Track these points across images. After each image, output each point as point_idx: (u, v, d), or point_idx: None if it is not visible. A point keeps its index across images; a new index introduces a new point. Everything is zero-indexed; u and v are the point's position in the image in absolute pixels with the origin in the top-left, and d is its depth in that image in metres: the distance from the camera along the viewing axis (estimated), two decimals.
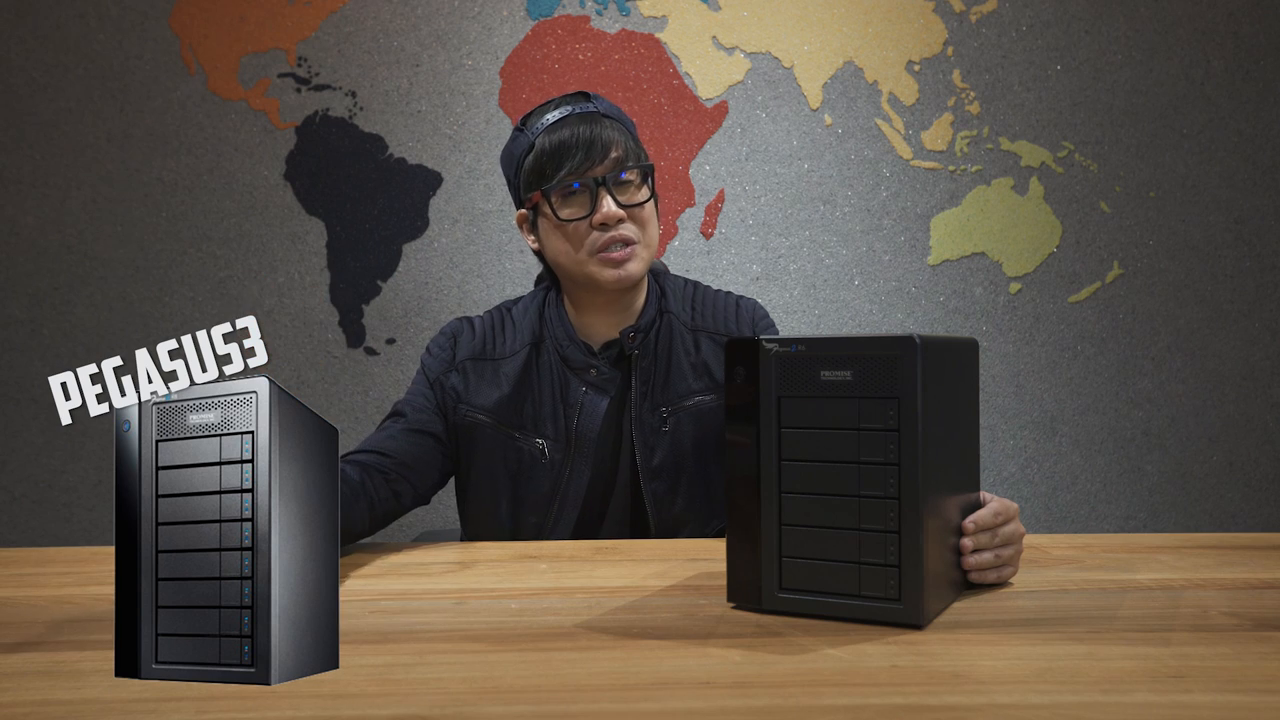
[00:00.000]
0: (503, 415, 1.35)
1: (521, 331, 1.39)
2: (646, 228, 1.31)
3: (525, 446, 1.34)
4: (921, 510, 0.82)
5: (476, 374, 1.36)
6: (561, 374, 1.36)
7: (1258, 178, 2.19)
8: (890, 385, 0.82)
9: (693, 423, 1.35)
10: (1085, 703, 0.66)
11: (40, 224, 2.07)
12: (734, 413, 0.88)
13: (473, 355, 1.37)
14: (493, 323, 1.41)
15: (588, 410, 1.34)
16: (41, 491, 2.07)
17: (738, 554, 0.89)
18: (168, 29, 2.08)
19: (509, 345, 1.38)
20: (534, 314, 1.40)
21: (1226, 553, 1.14)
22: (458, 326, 1.41)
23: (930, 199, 2.16)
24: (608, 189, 1.27)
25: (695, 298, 1.43)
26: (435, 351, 1.39)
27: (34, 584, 1.06)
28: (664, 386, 1.35)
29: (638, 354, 1.35)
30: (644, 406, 1.34)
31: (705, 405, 1.36)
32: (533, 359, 1.37)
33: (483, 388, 1.36)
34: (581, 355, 1.35)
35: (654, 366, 1.36)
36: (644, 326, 1.36)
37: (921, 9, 2.16)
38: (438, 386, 1.36)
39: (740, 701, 0.67)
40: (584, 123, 1.29)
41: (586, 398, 1.34)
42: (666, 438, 1.34)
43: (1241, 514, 2.20)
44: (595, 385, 1.34)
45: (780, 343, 0.86)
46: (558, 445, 1.34)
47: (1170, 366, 2.19)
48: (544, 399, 1.35)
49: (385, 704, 0.67)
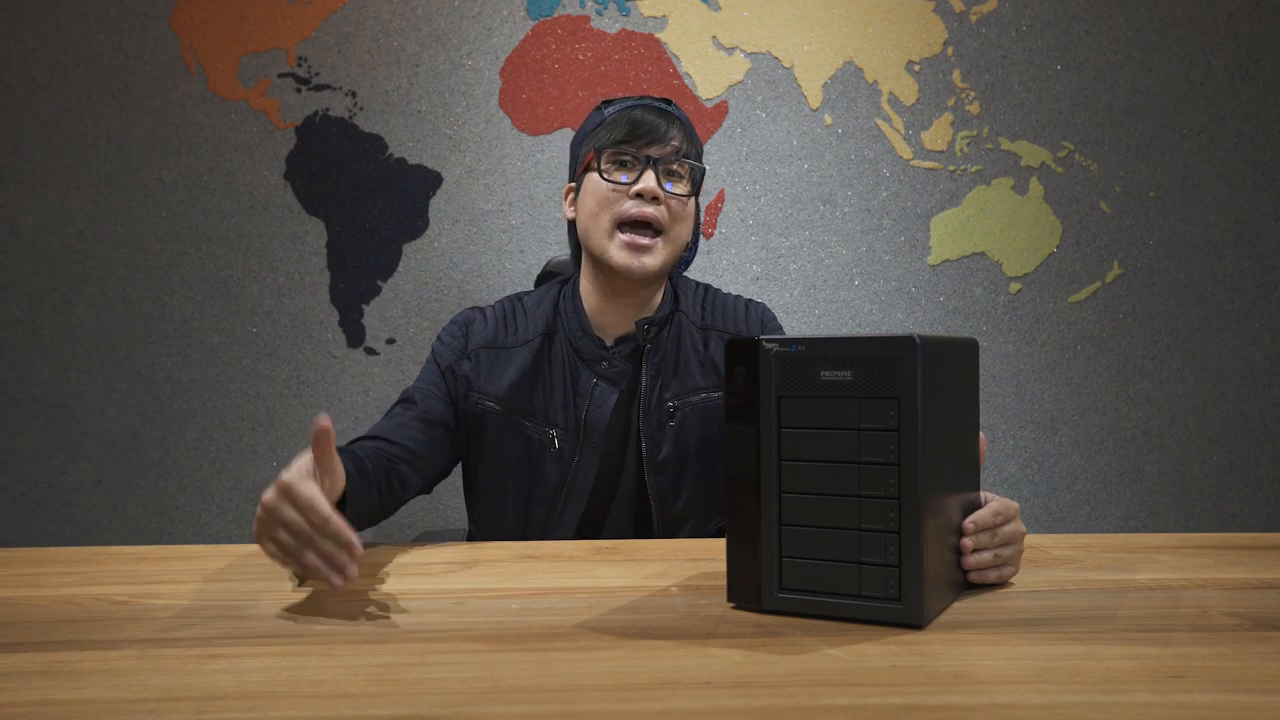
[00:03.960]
0: (513, 403, 1.36)
1: (534, 321, 1.40)
2: (677, 223, 1.34)
3: (535, 435, 1.36)
4: (921, 510, 0.82)
5: (489, 361, 1.38)
6: (573, 364, 1.37)
7: (1258, 178, 2.19)
8: (890, 385, 0.82)
9: (699, 418, 1.37)
10: (1085, 703, 0.66)
11: (40, 224, 2.07)
12: (734, 413, 0.88)
13: (485, 344, 1.39)
14: (504, 312, 1.42)
15: (597, 401, 1.35)
16: (41, 491, 2.07)
17: (738, 554, 0.89)
18: (168, 29, 2.08)
19: (520, 334, 1.39)
20: (548, 305, 1.42)
21: (1226, 553, 1.14)
22: (470, 315, 1.43)
23: (930, 199, 2.16)
24: (656, 169, 1.32)
25: (706, 299, 1.45)
26: (447, 340, 1.40)
27: (34, 584, 1.06)
28: (673, 381, 1.37)
29: (649, 347, 1.36)
30: (652, 400, 1.36)
31: (712, 401, 1.38)
32: (545, 348, 1.38)
33: (494, 376, 1.37)
34: (594, 347, 1.37)
35: (664, 361, 1.38)
36: (659, 320, 1.38)
37: (921, 9, 2.16)
38: (449, 375, 1.38)
39: (740, 701, 0.67)
40: (659, 113, 1.35)
41: (597, 388, 1.35)
42: (673, 432, 1.36)
43: (1241, 514, 2.20)
44: (606, 377, 1.36)
45: (780, 343, 0.86)
46: (567, 435, 1.35)
47: (1170, 366, 2.19)
48: (555, 388, 1.37)
49: (385, 704, 0.67)
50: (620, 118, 1.34)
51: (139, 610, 0.94)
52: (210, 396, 2.08)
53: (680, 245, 1.36)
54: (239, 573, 1.11)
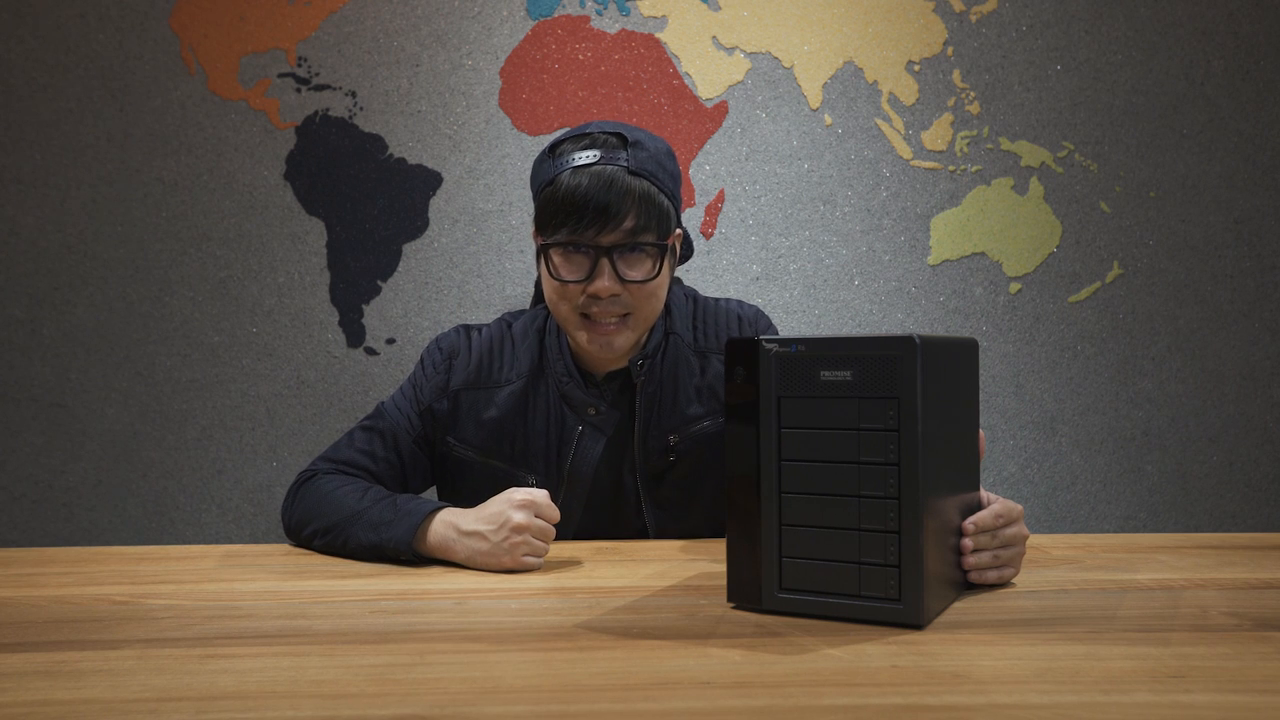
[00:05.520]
0: (491, 450, 1.32)
1: (520, 358, 1.34)
2: (647, 302, 1.25)
3: (515, 481, 1.32)
4: (921, 510, 0.82)
5: (468, 404, 1.33)
6: (559, 409, 1.32)
7: (1258, 178, 2.19)
8: (890, 385, 0.82)
9: (697, 448, 1.33)
10: (1085, 703, 0.66)
11: (40, 224, 2.07)
12: (734, 413, 0.88)
13: (466, 384, 1.33)
14: (491, 343, 1.36)
15: (582, 451, 1.30)
16: (41, 491, 2.07)
17: (738, 554, 0.89)
18: (168, 29, 2.08)
19: (505, 372, 1.34)
20: (534, 339, 1.35)
21: (1226, 553, 1.14)
22: (455, 344, 1.36)
23: (930, 199, 2.16)
24: (610, 260, 1.21)
25: (697, 314, 1.38)
26: (429, 371, 1.35)
27: (34, 584, 1.06)
28: (670, 413, 1.32)
29: (644, 380, 1.31)
30: (649, 433, 1.31)
31: (710, 430, 1.33)
32: (530, 390, 1.32)
33: (472, 420, 1.32)
34: (582, 393, 1.31)
35: (659, 392, 1.32)
36: (652, 352, 1.32)
37: (921, 9, 2.16)
38: (427, 416, 1.33)
39: (740, 701, 0.67)
40: (605, 180, 1.19)
41: (583, 438, 1.30)
42: (671, 464, 1.32)
43: (1241, 514, 2.20)
44: (594, 424, 1.31)
45: (780, 343, 0.86)
46: (549, 482, 1.31)
47: (1170, 366, 2.19)
48: (535, 434, 1.31)
49: (385, 704, 0.67)
50: (563, 193, 1.20)
51: (139, 610, 0.94)
52: (210, 396, 2.08)
53: (654, 315, 1.28)
54: (239, 573, 1.11)
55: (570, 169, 1.21)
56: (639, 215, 1.21)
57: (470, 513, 1.12)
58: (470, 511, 1.12)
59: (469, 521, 1.11)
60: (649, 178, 1.23)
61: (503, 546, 1.08)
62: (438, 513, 1.14)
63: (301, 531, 1.24)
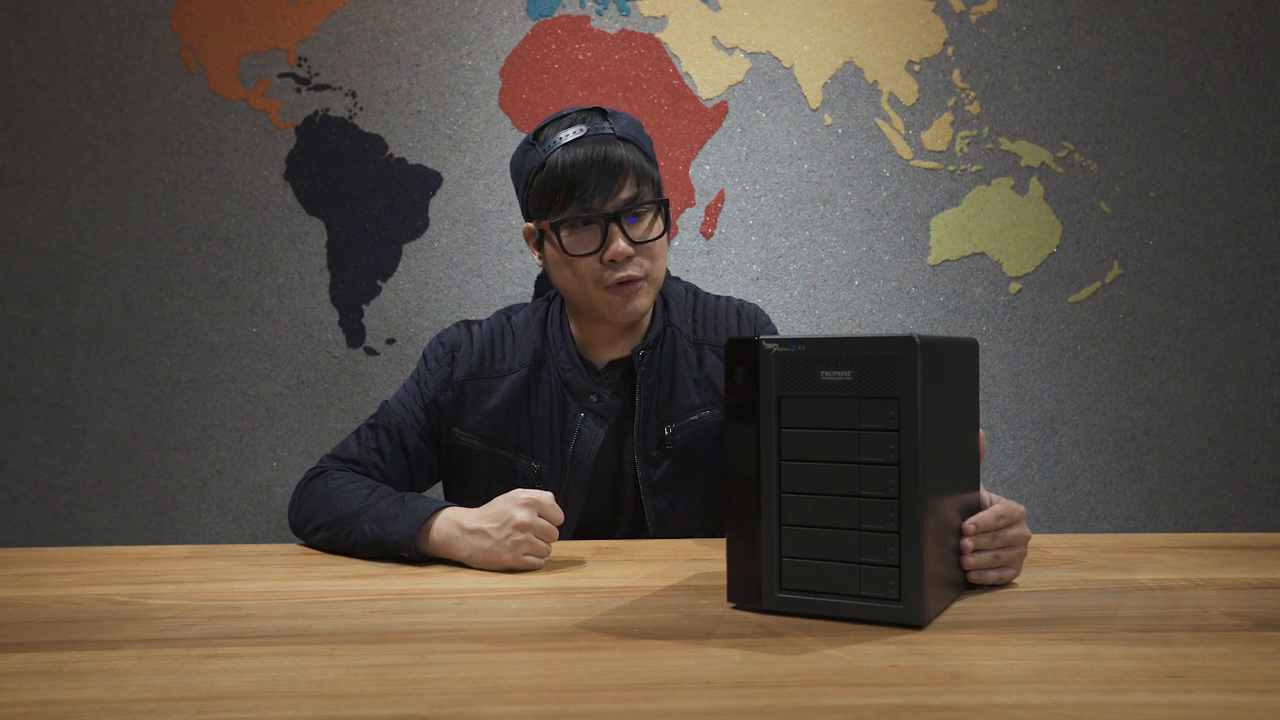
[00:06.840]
0: (495, 437, 1.34)
1: (522, 348, 1.36)
2: (656, 261, 1.29)
3: (519, 468, 1.33)
4: (921, 510, 0.82)
5: (472, 394, 1.35)
6: (560, 396, 1.34)
7: (1258, 178, 2.19)
8: (890, 385, 0.82)
9: (696, 438, 1.34)
10: (1085, 703, 0.66)
11: (40, 224, 2.07)
12: (734, 413, 0.88)
13: (469, 374, 1.35)
14: (492, 335, 1.38)
15: (584, 438, 1.32)
16: (41, 491, 2.07)
17: (738, 554, 0.89)
18: (168, 29, 2.08)
19: (508, 362, 1.36)
20: (536, 329, 1.37)
21: (1226, 553, 1.14)
22: (456, 338, 1.39)
23: (930, 199, 2.16)
24: (619, 225, 1.24)
25: (696, 308, 1.41)
26: (432, 365, 1.37)
27: (34, 584, 1.06)
28: (668, 402, 1.34)
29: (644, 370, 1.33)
30: (648, 422, 1.33)
31: (708, 420, 1.35)
32: (532, 378, 1.34)
33: (477, 408, 1.34)
34: (584, 380, 1.33)
35: (658, 382, 1.34)
36: (652, 342, 1.34)
37: (921, 9, 2.16)
38: (432, 410, 1.35)
39: (740, 701, 0.67)
40: (599, 149, 1.23)
41: (585, 425, 1.32)
42: (670, 453, 1.33)
43: (1241, 514, 2.20)
44: (595, 411, 1.33)
45: (780, 343, 0.86)
46: (552, 469, 1.33)
47: (1170, 366, 2.19)
48: (539, 422, 1.33)
49: (385, 704, 0.67)
50: (560, 171, 1.23)
51: (139, 610, 0.94)
52: (210, 396, 2.08)
53: (663, 275, 1.32)
54: (239, 573, 1.11)
55: (560, 147, 1.25)
56: (636, 176, 1.26)
57: (474, 511, 1.13)
58: (474, 510, 1.13)
59: (473, 519, 1.11)
60: (634, 141, 1.28)
61: (505, 544, 1.08)
62: (442, 510, 1.15)
63: (307, 526, 1.25)
